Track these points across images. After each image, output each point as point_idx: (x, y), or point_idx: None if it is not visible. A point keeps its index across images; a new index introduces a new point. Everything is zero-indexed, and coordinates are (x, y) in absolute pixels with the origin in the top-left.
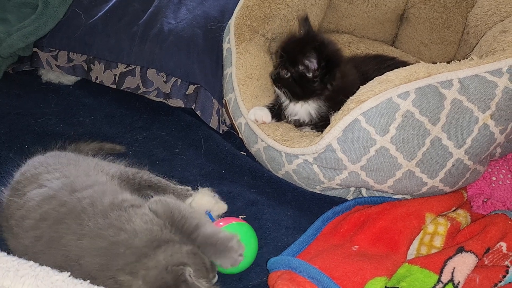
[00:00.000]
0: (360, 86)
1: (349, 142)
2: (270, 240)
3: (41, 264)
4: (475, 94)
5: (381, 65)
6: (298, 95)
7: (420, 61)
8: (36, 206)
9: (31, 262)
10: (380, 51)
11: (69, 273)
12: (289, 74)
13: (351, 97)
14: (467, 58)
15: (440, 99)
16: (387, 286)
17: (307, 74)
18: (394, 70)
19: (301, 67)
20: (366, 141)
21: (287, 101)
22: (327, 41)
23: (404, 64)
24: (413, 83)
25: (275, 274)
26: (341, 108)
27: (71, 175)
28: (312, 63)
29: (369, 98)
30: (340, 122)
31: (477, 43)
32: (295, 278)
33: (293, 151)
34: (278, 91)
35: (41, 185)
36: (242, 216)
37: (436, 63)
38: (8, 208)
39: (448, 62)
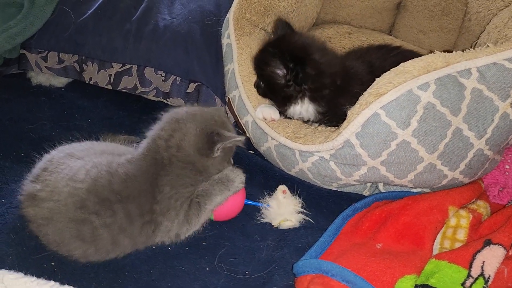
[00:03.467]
0: (364, 78)
1: (368, 136)
2: (290, 242)
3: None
4: (494, 82)
5: (387, 54)
6: (278, 102)
7: (421, 50)
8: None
9: (52, 282)
10: (380, 41)
11: None
12: (261, 83)
13: (368, 90)
14: (473, 45)
15: (460, 89)
16: (417, 283)
17: (278, 81)
18: (410, 60)
19: (268, 77)
20: (387, 135)
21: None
22: (292, 40)
23: (410, 52)
24: (432, 73)
25: (304, 278)
26: (358, 102)
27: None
28: (280, 70)
29: (388, 90)
30: (359, 116)
31: (483, 30)
32: (328, 282)
33: (308, 148)
34: (295, 111)
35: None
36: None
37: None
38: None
39: (463, 50)
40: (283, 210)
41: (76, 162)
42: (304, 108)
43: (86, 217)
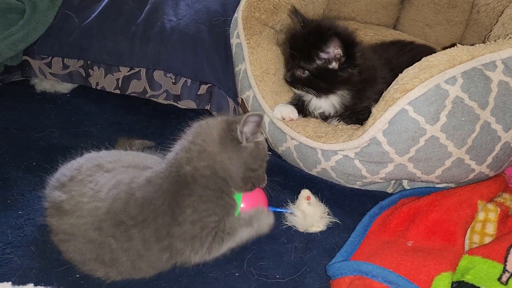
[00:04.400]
0: (387, 75)
1: (396, 133)
2: (317, 243)
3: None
4: None
5: (402, 49)
6: (325, 90)
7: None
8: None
9: None
10: (388, 36)
11: None
12: (307, 73)
13: (394, 86)
14: (486, 37)
15: (486, 82)
16: (453, 280)
17: (330, 66)
18: (433, 54)
19: (319, 62)
20: (415, 131)
21: (309, 97)
22: (336, 24)
23: (425, 47)
24: (458, 67)
25: (342, 280)
26: (383, 99)
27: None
28: (336, 52)
29: (415, 86)
30: (386, 113)
31: (496, 22)
32: (369, 284)
33: (331, 147)
34: (298, 92)
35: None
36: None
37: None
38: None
39: (483, 42)
40: (309, 220)
41: (102, 177)
42: (333, 99)
43: (103, 240)
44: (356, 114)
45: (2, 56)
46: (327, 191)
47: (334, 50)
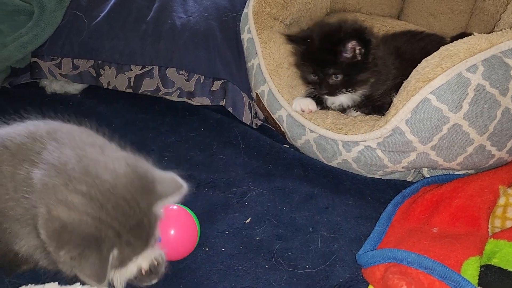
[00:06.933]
0: (394, 61)
1: (419, 122)
2: (343, 233)
3: None
4: None
5: (413, 38)
6: (363, 81)
7: None
8: None
9: None
10: (395, 27)
11: None
12: (340, 76)
13: (415, 76)
14: (495, 25)
15: (506, 69)
16: (480, 265)
17: (355, 60)
18: (452, 43)
19: (345, 61)
20: (439, 119)
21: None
22: (344, 23)
23: (434, 36)
24: (478, 55)
25: (376, 268)
26: (405, 89)
27: None
28: (356, 47)
29: (437, 75)
30: (409, 102)
31: (504, 10)
32: (405, 271)
33: (353, 138)
34: (337, 99)
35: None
36: None
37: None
38: None
39: (488, 33)
40: None
41: None
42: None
43: None
44: (372, 102)
45: (11, 58)
46: (348, 182)
47: (353, 47)
